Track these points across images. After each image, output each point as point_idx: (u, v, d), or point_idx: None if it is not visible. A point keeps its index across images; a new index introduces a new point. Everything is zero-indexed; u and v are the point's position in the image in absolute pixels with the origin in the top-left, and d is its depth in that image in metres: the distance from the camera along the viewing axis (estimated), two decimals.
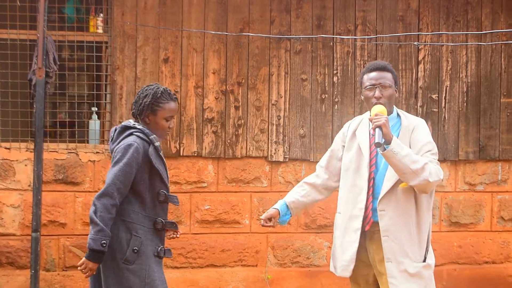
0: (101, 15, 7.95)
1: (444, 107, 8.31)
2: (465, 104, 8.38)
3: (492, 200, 8.51)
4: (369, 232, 4.91)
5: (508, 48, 8.44)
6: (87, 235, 7.70)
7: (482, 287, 8.43)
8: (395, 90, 4.98)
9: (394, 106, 5.04)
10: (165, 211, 4.94)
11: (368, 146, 4.96)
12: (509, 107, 8.46)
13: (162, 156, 4.94)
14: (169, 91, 4.99)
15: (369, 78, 4.95)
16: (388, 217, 4.81)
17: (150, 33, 7.90)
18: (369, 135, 4.96)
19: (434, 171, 4.71)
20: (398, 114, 5.02)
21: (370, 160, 4.91)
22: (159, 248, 4.86)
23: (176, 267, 8.00)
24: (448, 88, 8.35)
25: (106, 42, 7.97)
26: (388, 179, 4.83)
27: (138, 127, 4.89)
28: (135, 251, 4.73)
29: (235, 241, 8.07)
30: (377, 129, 4.65)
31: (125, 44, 7.88)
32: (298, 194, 5.26)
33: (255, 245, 8.04)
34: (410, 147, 4.82)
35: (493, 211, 8.53)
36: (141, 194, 4.80)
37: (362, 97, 5.05)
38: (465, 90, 8.38)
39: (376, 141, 4.62)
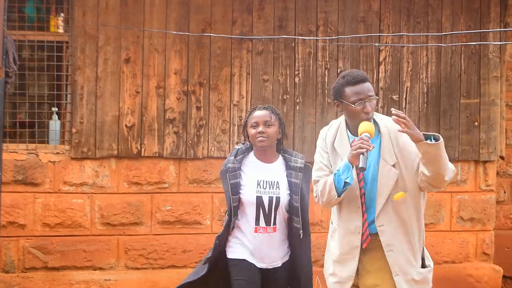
0: (62, 14, 7.90)
1: (405, 108, 8.37)
2: (425, 105, 8.44)
3: (451, 200, 8.59)
4: (366, 248, 4.78)
5: (468, 49, 8.52)
6: (46, 236, 7.72)
7: (441, 287, 8.49)
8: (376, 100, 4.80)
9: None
10: None
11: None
12: (468, 108, 8.53)
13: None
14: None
15: (355, 91, 4.65)
16: (388, 232, 4.67)
17: (111, 33, 7.86)
18: (350, 148, 4.70)
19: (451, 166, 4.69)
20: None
21: (358, 175, 4.70)
22: None
23: (137, 268, 7.97)
24: (408, 89, 8.41)
25: (67, 42, 7.92)
26: (380, 194, 4.66)
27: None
28: None
29: (196, 242, 8.06)
30: (364, 154, 4.49)
31: (86, 44, 7.83)
32: None
33: None
34: (398, 153, 4.69)
35: (452, 211, 8.60)
36: None
37: (342, 110, 4.77)
38: (425, 91, 8.44)
39: (361, 165, 4.45)
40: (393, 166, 4.65)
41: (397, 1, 8.40)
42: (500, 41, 8.52)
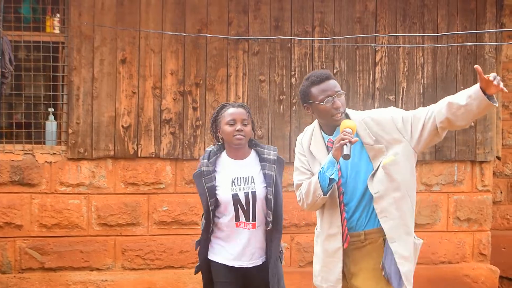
0: (58, 15, 7.90)
1: (401, 108, 8.36)
2: (421, 105, 8.43)
3: (448, 201, 8.59)
4: (348, 249, 4.74)
5: (464, 50, 8.53)
6: (43, 237, 7.71)
7: (438, 287, 8.50)
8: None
9: None
10: None
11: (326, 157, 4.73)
12: None
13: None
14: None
15: (321, 89, 4.66)
16: (382, 198, 4.62)
17: (107, 34, 7.86)
18: (327, 149, 4.73)
19: None
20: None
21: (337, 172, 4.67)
22: None
23: (134, 269, 7.97)
24: (404, 89, 8.42)
25: (63, 43, 7.92)
26: (366, 172, 4.64)
27: None
28: None
29: (193, 243, 8.03)
30: (347, 145, 4.46)
31: (82, 45, 7.83)
32: None
33: None
34: (376, 130, 4.65)
35: (449, 211, 8.61)
36: None
37: (313, 111, 4.75)
38: (421, 91, 8.45)
39: (345, 153, 4.41)
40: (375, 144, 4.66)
41: (393, 1, 8.41)
42: (496, 42, 8.53)
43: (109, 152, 7.86)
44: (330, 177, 4.52)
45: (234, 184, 5.10)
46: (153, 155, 7.95)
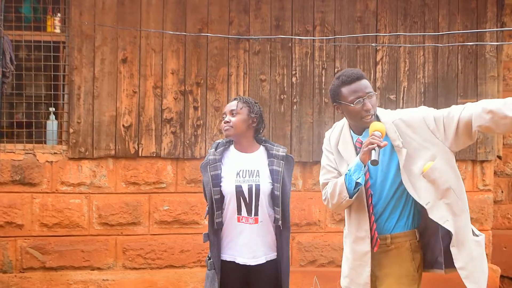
0: (59, 14, 7.91)
1: (402, 107, 8.37)
2: (422, 104, 8.40)
3: None
4: (376, 252, 4.65)
5: (465, 49, 8.52)
6: (44, 236, 7.72)
7: (439, 287, 8.49)
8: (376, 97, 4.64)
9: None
10: None
11: (354, 158, 4.63)
12: None
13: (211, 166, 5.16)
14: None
15: (352, 90, 4.52)
16: (435, 207, 4.50)
17: (108, 33, 7.86)
18: (355, 149, 4.63)
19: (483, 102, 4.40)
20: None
21: (364, 175, 4.55)
22: None
23: (135, 268, 7.97)
24: (405, 88, 8.42)
25: (64, 42, 7.93)
26: (395, 176, 4.53)
27: None
28: None
29: (194, 242, 8.05)
30: (375, 149, 4.38)
31: (83, 44, 7.83)
32: None
33: None
34: (408, 132, 4.51)
35: None
36: None
37: (342, 111, 4.62)
38: (422, 90, 8.45)
39: (372, 158, 4.33)
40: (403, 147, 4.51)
41: (394, 1, 8.41)
42: (497, 41, 8.53)
43: (110, 152, 7.87)
44: (357, 181, 4.43)
45: (239, 176, 5.07)
46: (154, 155, 7.95)
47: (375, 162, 4.34)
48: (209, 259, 5.17)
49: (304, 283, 7.97)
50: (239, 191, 5.04)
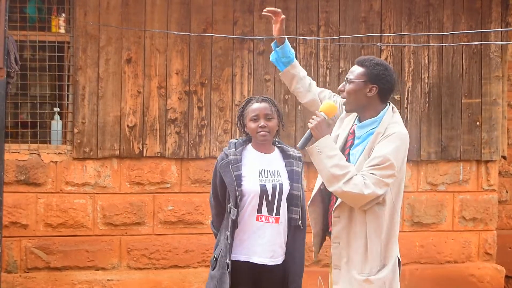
0: (63, 15, 7.90)
1: (406, 107, 8.37)
2: (427, 104, 8.44)
3: (453, 200, 8.58)
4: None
5: (469, 49, 8.52)
6: (49, 236, 7.73)
7: (444, 287, 8.49)
8: (370, 88, 4.58)
9: (385, 111, 4.64)
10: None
11: (343, 141, 4.74)
12: (470, 108, 8.53)
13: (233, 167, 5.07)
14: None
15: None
16: (341, 225, 4.62)
17: (112, 34, 7.87)
18: (349, 131, 4.73)
19: (355, 182, 4.39)
20: (382, 120, 4.61)
21: None
22: None
23: (139, 268, 7.97)
24: (410, 89, 8.41)
25: (68, 42, 7.93)
26: None
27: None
28: None
29: (199, 242, 8.06)
30: (308, 131, 4.52)
31: (87, 44, 7.84)
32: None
33: None
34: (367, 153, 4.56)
35: (454, 211, 8.60)
36: None
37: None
38: (427, 91, 8.44)
39: (298, 145, 4.52)
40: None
41: (398, 1, 8.41)
42: (501, 41, 8.52)
43: (115, 152, 7.87)
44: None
45: (261, 175, 5.03)
46: (159, 155, 7.95)
47: (298, 147, 4.62)
48: (215, 258, 5.13)
49: (309, 283, 7.96)
50: (263, 190, 5.00)
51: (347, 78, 4.62)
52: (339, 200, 4.60)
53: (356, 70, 4.62)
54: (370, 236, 4.55)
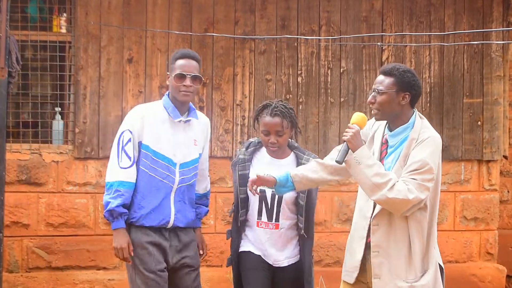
0: (65, 14, 7.91)
1: None
2: (428, 104, 8.44)
3: (455, 200, 8.58)
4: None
5: (471, 49, 8.51)
6: (50, 236, 7.71)
7: (445, 286, 8.48)
8: (402, 97, 4.56)
9: (414, 116, 4.66)
10: None
11: (378, 153, 4.69)
12: (471, 107, 8.53)
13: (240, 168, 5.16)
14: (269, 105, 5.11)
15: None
16: (380, 232, 4.57)
17: (114, 33, 7.87)
18: (381, 142, 4.70)
19: (399, 189, 4.39)
20: (413, 126, 4.62)
21: None
22: None
23: None
24: None
25: (70, 42, 7.93)
26: None
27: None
28: None
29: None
30: (344, 144, 4.48)
31: (88, 44, 7.84)
32: (305, 168, 4.90)
33: (219, 245, 8.01)
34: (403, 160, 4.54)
35: (456, 210, 8.60)
36: None
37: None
38: (428, 90, 8.44)
39: (336, 159, 4.47)
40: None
41: (400, 0, 8.41)
42: (503, 41, 8.52)
43: None
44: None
45: None
46: None
47: (337, 162, 4.50)
48: (230, 261, 5.25)
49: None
50: (262, 196, 5.03)
51: (375, 89, 4.56)
52: (377, 208, 4.58)
53: (386, 80, 4.58)
54: (413, 241, 4.56)
